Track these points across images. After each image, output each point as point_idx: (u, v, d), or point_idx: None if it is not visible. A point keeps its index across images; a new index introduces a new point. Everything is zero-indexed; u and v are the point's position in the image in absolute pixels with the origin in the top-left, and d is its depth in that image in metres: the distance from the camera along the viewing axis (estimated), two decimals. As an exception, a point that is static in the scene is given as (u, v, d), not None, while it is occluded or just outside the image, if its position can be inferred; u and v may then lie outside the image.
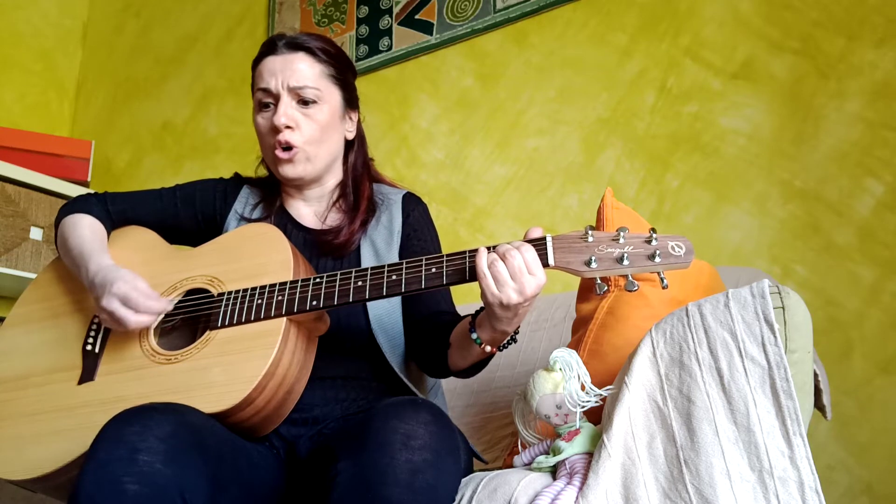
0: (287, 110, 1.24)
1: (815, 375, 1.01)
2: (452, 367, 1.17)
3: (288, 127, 1.24)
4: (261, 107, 1.28)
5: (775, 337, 0.90)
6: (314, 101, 1.26)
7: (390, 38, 2.34)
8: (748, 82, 1.77)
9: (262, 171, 1.41)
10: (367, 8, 2.42)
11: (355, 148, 1.37)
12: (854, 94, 1.64)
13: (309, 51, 1.27)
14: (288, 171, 1.26)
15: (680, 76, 1.86)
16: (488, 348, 1.08)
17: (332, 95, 1.29)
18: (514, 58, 2.12)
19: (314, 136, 1.26)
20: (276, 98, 1.25)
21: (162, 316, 1.18)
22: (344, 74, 1.33)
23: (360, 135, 1.38)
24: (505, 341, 1.09)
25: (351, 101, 1.35)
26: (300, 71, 1.25)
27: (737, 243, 1.70)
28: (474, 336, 1.07)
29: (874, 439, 1.49)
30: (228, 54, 2.76)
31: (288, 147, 1.24)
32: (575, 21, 2.04)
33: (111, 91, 3.06)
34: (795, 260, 1.63)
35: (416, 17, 2.30)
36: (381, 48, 2.35)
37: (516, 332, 1.09)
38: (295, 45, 1.27)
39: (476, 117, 2.16)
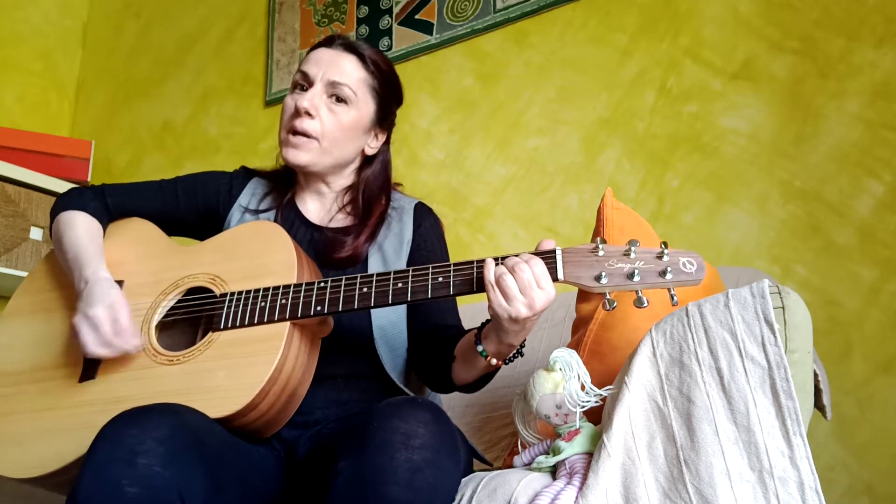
0: (314, 98, 1.25)
1: (815, 375, 1.01)
2: (457, 380, 1.16)
3: (308, 114, 1.24)
4: (294, 87, 1.30)
5: (775, 337, 0.90)
6: (345, 102, 1.27)
7: (390, 38, 2.34)
8: (748, 82, 1.77)
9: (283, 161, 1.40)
10: (367, 8, 2.42)
11: (374, 167, 1.35)
12: (854, 94, 1.64)
13: (360, 56, 1.30)
14: (290, 155, 1.26)
15: (680, 76, 1.86)
16: (494, 361, 1.07)
17: (365, 104, 1.29)
18: (514, 58, 2.12)
19: (333, 132, 1.26)
20: (311, 85, 1.26)
21: (161, 315, 1.18)
22: (385, 92, 1.33)
23: (385, 159, 1.37)
24: (511, 354, 1.08)
25: (382, 121, 1.34)
26: (344, 69, 1.27)
27: (737, 243, 1.70)
28: (480, 349, 1.06)
29: (874, 439, 1.49)
30: (228, 54, 2.76)
31: (303, 134, 1.25)
32: (575, 21, 2.04)
33: (111, 91, 3.06)
34: (795, 260, 1.63)
35: (416, 17, 2.30)
36: (381, 48, 2.35)
37: (522, 346, 1.08)
38: (349, 47, 1.30)
39: (476, 117, 2.16)
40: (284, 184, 1.36)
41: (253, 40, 2.69)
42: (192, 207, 1.34)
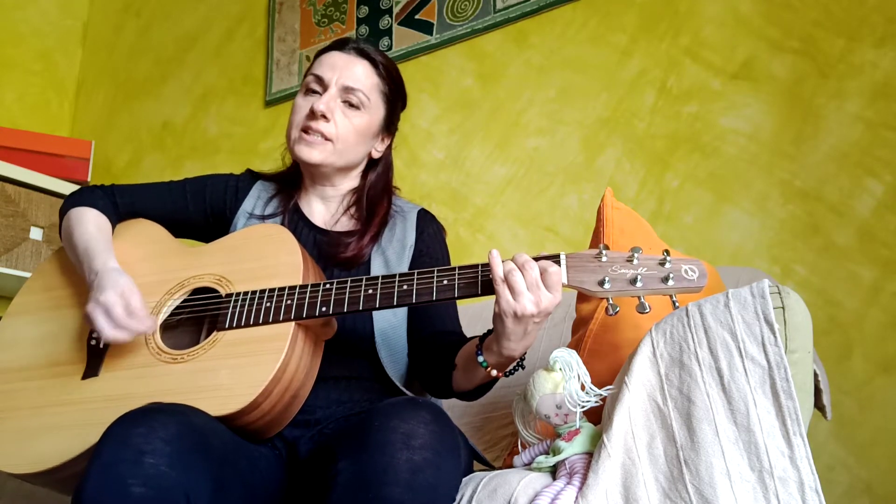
0: (330, 102, 1.26)
1: (815, 375, 1.01)
2: (456, 388, 1.17)
3: (323, 117, 1.25)
4: (307, 91, 1.30)
5: (775, 337, 0.90)
6: (358, 108, 1.28)
7: (390, 38, 2.34)
8: (748, 82, 1.77)
9: (290, 160, 1.39)
10: (367, 8, 2.42)
11: (378, 169, 1.37)
12: (854, 94, 1.64)
13: (373, 62, 1.31)
14: (304, 153, 1.26)
15: (680, 76, 1.86)
16: (494, 372, 1.07)
17: (376, 109, 1.31)
18: (514, 58, 2.12)
19: (346, 136, 1.28)
20: (325, 89, 1.27)
21: (166, 314, 1.18)
22: (394, 97, 1.35)
23: (387, 161, 1.39)
24: (511, 367, 1.09)
25: (389, 125, 1.36)
26: (357, 74, 1.29)
27: (737, 243, 1.71)
28: (480, 359, 1.06)
29: (874, 439, 1.49)
30: (228, 54, 2.76)
31: (319, 134, 1.26)
32: (575, 21, 2.04)
33: (111, 91, 3.06)
34: (795, 260, 1.63)
35: (416, 17, 2.30)
36: (381, 48, 2.35)
37: (523, 358, 1.09)
38: (362, 52, 1.31)
39: (476, 117, 2.16)
40: (290, 187, 1.36)
41: (253, 40, 2.69)
42: (200, 210, 1.35)
